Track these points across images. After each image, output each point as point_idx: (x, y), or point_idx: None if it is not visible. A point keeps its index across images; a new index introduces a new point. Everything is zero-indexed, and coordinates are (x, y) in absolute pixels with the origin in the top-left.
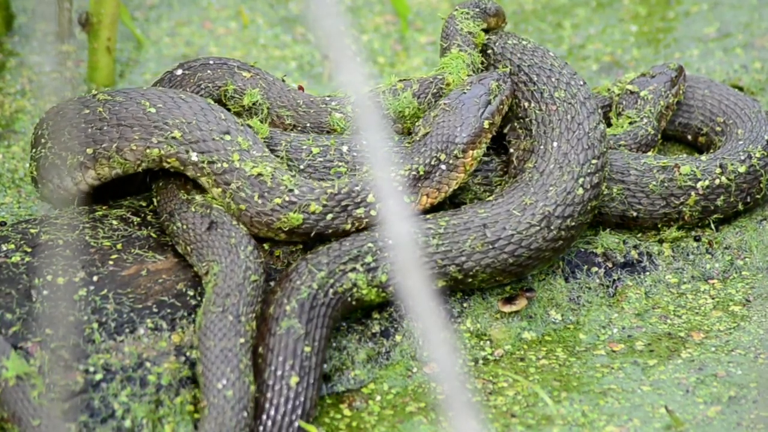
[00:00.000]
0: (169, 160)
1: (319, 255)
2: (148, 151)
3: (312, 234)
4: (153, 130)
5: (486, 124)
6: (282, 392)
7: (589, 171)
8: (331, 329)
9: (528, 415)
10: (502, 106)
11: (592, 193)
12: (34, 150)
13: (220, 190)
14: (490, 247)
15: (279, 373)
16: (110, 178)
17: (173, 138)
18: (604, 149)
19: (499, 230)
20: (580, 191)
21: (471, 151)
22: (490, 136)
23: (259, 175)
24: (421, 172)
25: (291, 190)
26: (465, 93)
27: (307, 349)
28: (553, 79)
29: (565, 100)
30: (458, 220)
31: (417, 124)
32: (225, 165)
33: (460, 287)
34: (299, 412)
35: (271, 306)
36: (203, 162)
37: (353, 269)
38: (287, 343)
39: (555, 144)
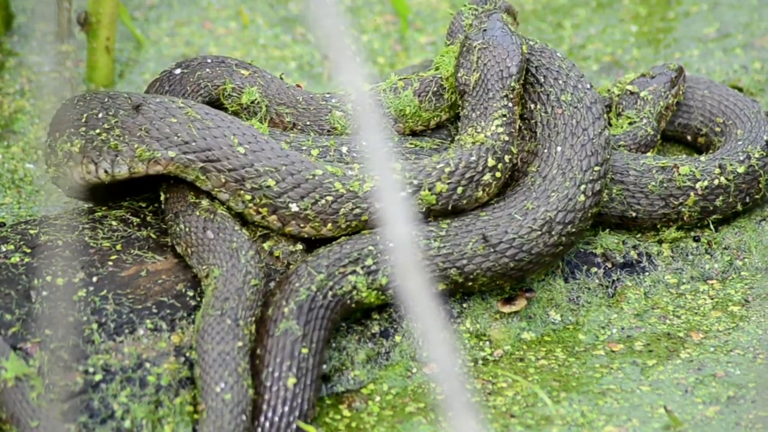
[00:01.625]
0: (261, 211)
1: (320, 258)
2: (240, 195)
3: (449, 209)
4: (243, 173)
5: (525, 49)
6: (279, 394)
7: (591, 178)
8: (330, 331)
9: (527, 416)
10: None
11: (594, 200)
12: (83, 128)
13: (330, 225)
14: (492, 250)
15: (276, 374)
16: (138, 176)
17: (267, 187)
18: (608, 156)
19: (501, 234)
20: (582, 198)
21: (521, 80)
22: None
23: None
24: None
25: (409, 182)
26: (486, 30)
27: (305, 350)
28: (560, 82)
29: (571, 103)
30: (459, 222)
31: (459, 74)
32: (329, 198)
33: (459, 290)
34: (297, 413)
35: (270, 308)
36: (305, 206)
37: (353, 272)
38: (284, 345)
39: (559, 149)
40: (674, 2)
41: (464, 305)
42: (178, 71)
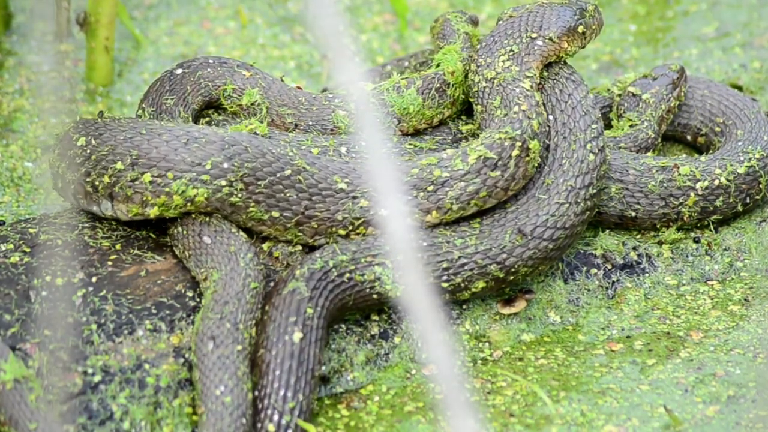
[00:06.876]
0: (358, 231)
1: (351, 243)
2: (333, 228)
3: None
4: (340, 206)
5: (580, 29)
6: (285, 348)
7: (593, 135)
8: (338, 311)
9: (527, 415)
10: (595, 26)
11: (601, 157)
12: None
13: (436, 212)
14: (530, 237)
15: (282, 328)
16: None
17: (360, 208)
18: (599, 115)
19: (534, 218)
20: (591, 156)
21: (564, 42)
22: (577, 45)
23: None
24: (516, 50)
25: (482, 145)
26: (564, 5)
27: (310, 311)
28: None
29: (549, 77)
30: (490, 219)
31: (503, 11)
32: (431, 186)
33: (502, 287)
34: (303, 369)
35: (284, 271)
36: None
37: (381, 263)
38: (291, 302)
39: (551, 117)
40: (673, 1)
41: (464, 307)
42: (179, 71)
